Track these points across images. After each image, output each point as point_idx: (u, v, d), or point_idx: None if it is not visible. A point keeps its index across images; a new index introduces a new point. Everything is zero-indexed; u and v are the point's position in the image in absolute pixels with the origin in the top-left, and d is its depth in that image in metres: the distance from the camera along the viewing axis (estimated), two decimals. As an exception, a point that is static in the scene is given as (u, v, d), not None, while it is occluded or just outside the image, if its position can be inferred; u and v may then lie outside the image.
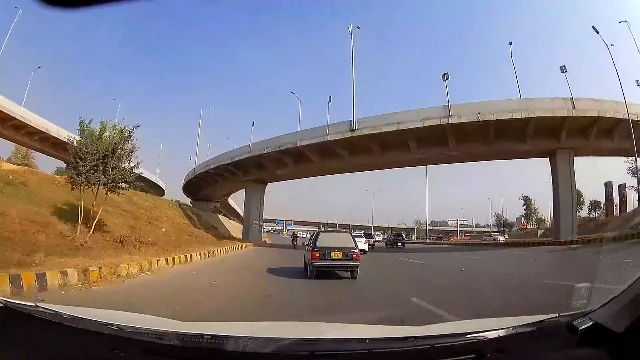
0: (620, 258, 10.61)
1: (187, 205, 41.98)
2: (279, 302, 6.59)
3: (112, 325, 1.37)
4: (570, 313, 1.45)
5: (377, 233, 44.43)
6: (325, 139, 26.00)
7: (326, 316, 5.17)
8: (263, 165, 32.29)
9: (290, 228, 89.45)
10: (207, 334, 1.35)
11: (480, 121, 23.45)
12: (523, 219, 73.91)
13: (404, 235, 42.23)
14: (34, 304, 1.47)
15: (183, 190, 52.12)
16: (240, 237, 35.52)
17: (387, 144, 26.10)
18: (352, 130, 25.13)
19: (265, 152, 29.58)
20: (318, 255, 9.09)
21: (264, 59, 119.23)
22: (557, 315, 1.44)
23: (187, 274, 10.29)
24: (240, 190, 43.68)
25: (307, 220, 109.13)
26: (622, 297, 1.30)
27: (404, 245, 34.06)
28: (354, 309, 5.96)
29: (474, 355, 1.29)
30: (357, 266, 9.24)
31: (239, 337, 1.32)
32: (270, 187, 37.99)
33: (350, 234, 11.00)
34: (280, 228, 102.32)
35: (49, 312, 1.42)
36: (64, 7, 1.50)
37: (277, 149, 28.66)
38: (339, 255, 9.13)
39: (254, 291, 7.54)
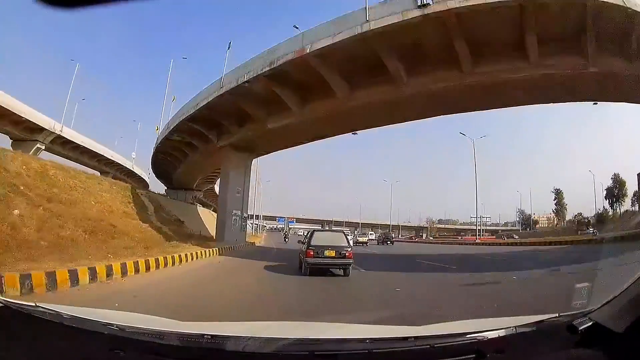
0: None
1: (149, 192, 29.16)
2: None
3: (112, 325, 1.36)
4: (570, 313, 1.43)
5: (370, 232, 48.16)
6: (365, 30, 12.57)
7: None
8: (245, 113, 18.94)
9: (292, 226, 79.28)
10: (207, 334, 1.34)
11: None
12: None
13: (393, 235, 48.74)
14: (33, 304, 1.45)
15: (154, 174, 40.01)
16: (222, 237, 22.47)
17: (484, 43, 12.83)
18: (421, 6, 11.79)
19: (246, 79, 16.17)
20: (312, 253, 9.35)
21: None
22: (557, 315, 1.43)
23: None
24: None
25: (311, 218, 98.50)
26: (622, 297, 1.29)
27: (392, 243, 37.61)
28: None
29: (474, 355, 1.27)
30: (349, 264, 9.50)
31: (239, 337, 1.32)
32: (267, 173, 24.52)
33: (344, 233, 10.92)
34: (282, 226, 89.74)
35: (49, 312, 1.41)
36: (64, 7, 1.53)
37: (267, 69, 15.24)
38: (332, 253, 9.41)
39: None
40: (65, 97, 38.48)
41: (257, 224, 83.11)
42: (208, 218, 38.38)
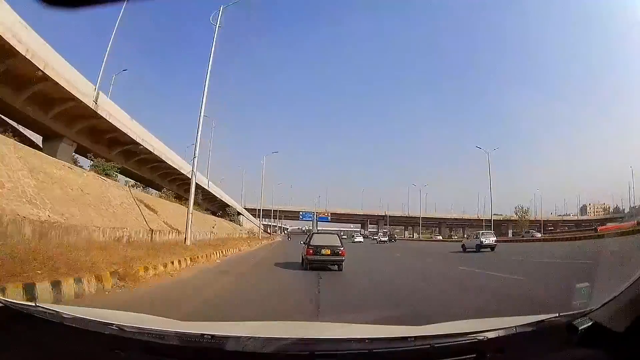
0: None
1: None
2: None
3: (112, 325, 1.35)
4: (570, 313, 1.43)
5: (380, 233, 60.12)
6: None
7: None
8: None
9: (323, 224, 65.65)
10: (207, 334, 1.35)
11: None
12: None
13: (395, 235, 66.13)
14: (34, 304, 1.46)
15: None
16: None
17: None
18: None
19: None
20: (311, 251, 11.02)
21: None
22: (557, 315, 1.42)
23: None
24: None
25: (355, 213, 72.53)
26: (622, 297, 1.29)
27: (395, 240, 53.59)
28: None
29: (474, 355, 1.29)
30: (342, 261, 11.04)
31: (239, 337, 1.31)
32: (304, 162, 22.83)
33: (338, 235, 12.53)
34: (307, 227, 69.75)
35: (49, 312, 1.41)
36: (64, 7, 1.54)
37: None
38: (328, 252, 10.99)
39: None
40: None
41: (267, 224, 65.48)
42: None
